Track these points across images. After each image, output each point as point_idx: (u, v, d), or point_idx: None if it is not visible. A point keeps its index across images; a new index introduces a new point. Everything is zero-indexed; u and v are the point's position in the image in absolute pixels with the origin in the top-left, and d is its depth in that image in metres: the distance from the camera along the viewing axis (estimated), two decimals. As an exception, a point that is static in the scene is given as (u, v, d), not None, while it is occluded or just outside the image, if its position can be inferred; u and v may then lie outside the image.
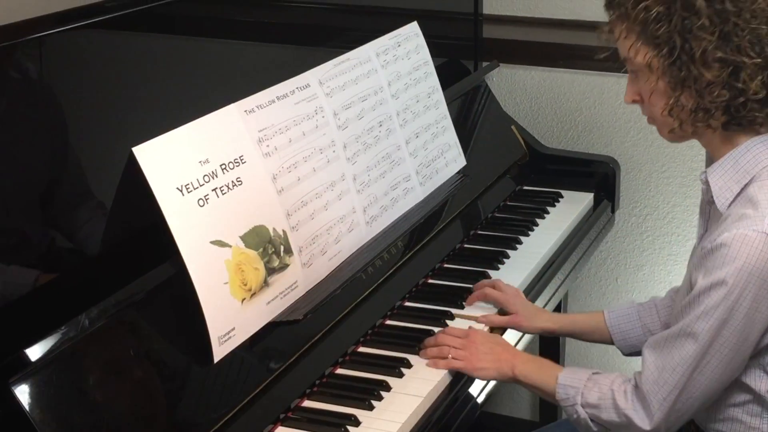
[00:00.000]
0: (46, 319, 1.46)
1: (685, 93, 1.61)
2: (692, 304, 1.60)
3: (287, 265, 1.76)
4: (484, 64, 2.84)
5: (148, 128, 1.57)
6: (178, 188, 1.57)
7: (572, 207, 2.60)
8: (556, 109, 2.89)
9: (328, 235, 1.88)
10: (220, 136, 1.68)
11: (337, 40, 2.24)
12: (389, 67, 2.18)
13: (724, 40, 1.56)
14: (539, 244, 2.38)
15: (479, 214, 2.48)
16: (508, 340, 2.00)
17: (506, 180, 2.65)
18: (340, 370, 1.83)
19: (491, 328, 2.02)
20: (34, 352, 1.42)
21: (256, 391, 1.65)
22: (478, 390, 1.87)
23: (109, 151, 1.64)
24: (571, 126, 2.89)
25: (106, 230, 1.63)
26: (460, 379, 1.84)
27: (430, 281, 2.19)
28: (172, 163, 1.58)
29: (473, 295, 2.09)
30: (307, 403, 1.73)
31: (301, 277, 1.80)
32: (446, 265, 2.25)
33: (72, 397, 1.43)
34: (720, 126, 1.63)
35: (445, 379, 1.83)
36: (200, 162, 1.62)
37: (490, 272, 2.22)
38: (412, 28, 2.30)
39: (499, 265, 2.26)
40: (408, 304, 2.08)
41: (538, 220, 2.50)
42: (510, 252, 2.32)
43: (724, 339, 1.57)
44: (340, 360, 1.85)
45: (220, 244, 1.63)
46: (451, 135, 2.37)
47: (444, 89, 2.37)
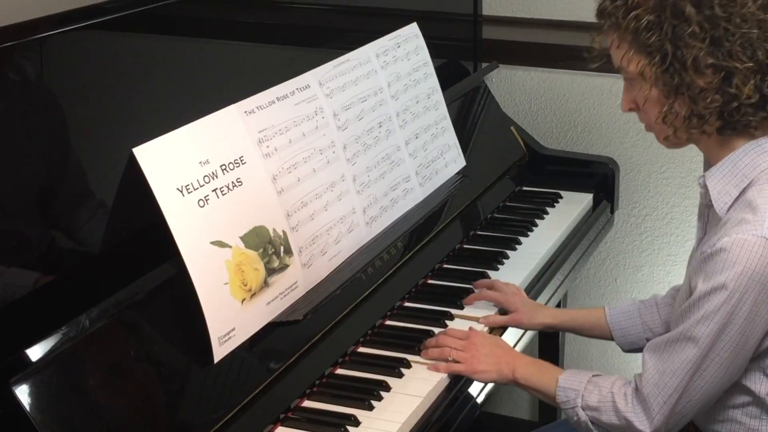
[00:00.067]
0: (47, 320, 1.46)
1: (678, 100, 1.61)
2: (692, 309, 1.60)
3: (287, 266, 1.76)
4: (484, 65, 2.84)
5: (149, 129, 1.57)
6: (178, 189, 1.57)
7: (571, 207, 2.60)
8: (556, 110, 2.89)
9: (328, 236, 1.89)
10: (221, 137, 1.68)
11: (337, 41, 2.24)
12: (389, 68, 2.18)
13: (715, 45, 1.56)
14: (538, 244, 2.39)
15: (479, 214, 2.48)
16: (508, 338, 2.01)
17: (506, 181, 2.65)
18: (339, 371, 1.83)
19: (491, 329, 2.02)
20: (35, 353, 1.42)
21: (256, 391, 1.65)
22: (478, 390, 1.87)
23: (109, 151, 1.64)
24: (570, 127, 2.89)
25: (106, 231, 1.64)
26: (460, 379, 1.84)
27: (430, 282, 2.19)
28: (173, 163, 1.58)
29: (471, 296, 2.09)
30: (307, 404, 1.73)
31: (301, 277, 1.80)
32: (446, 266, 2.26)
33: (72, 397, 1.43)
34: (715, 131, 1.63)
35: (445, 379, 1.83)
36: (200, 163, 1.63)
37: (490, 273, 2.22)
38: (412, 29, 2.30)
39: (499, 266, 2.26)
40: (408, 304, 2.08)
41: (538, 221, 2.50)
42: (509, 252, 2.33)
43: (724, 343, 1.58)
44: (340, 360, 1.85)
45: (220, 244, 1.63)
46: (450, 136, 2.37)
47: (443, 90, 2.37)
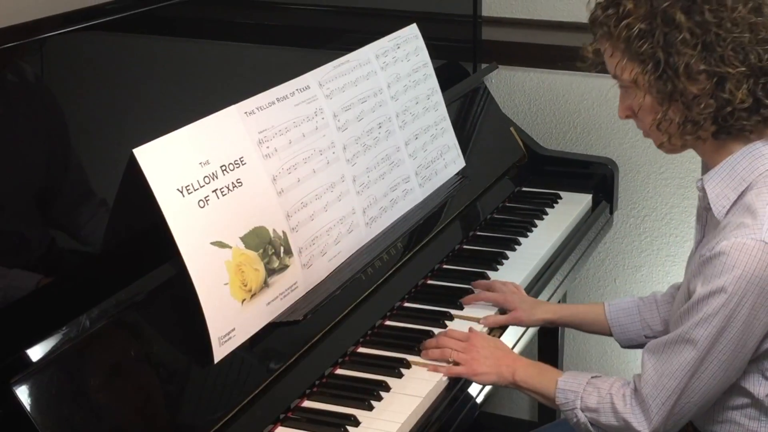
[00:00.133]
0: (47, 320, 1.46)
1: (672, 107, 1.61)
2: (691, 311, 1.60)
3: (287, 266, 1.76)
4: (483, 65, 2.84)
5: (149, 130, 1.58)
6: (178, 189, 1.57)
7: (571, 208, 2.60)
8: (555, 111, 2.90)
9: (328, 236, 1.89)
10: (221, 138, 1.68)
11: (337, 42, 2.25)
12: (389, 69, 2.18)
13: (707, 51, 1.56)
14: (538, 245, 2.39)
15: (478, 215, 2.48)
16: (508, 338, 2.01)
17: (505, 181, 2.65)
18: (339, 371, 1.84)
19: (490, 329, 2.02)
20: (35, 353, 1.42)
21: (256, 392, 1.65)
22: (477, 390, 1.87)
23: (109, 152, 1.64)
24: (569, 127, 2.90)
25: (107, 231, 1.64)
26: (459, 380, 1.84)
27: (430, 282, 2.19)
28: (173, 164, 1.58)
29: (469, 297, 2.09)
30: (306, 404, 1.73)
31: (301, 277, 1.80)
32: (445, 266, 2.26)
33: (73, 397, 1.44)
34: (710, 136, 1.63)
35: (444, 379, 1.83)
36: (200, 163, 1.63)
37: (489, 273, 2.22)
38: (412, 30, 2.30)
39: (498, 266, 2.27)
40: (407, 304, 2.09)
41: (537, 221, 2.51)
42: (509, 253, 2.33)
43: (723, 346, 1.58)
44: (340, 360, 1.86)
45: (220, 245, 1.63)
46: (450, 136, 2.37)
47: (443, 91, 2.37)
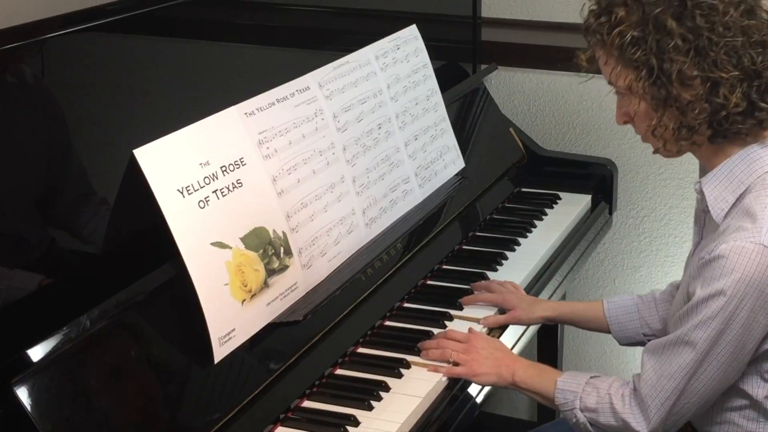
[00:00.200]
0: (48, 320, 1.46)
1: (667, 112, 1.61)
2: (690, 313, 1.61)
3: (287, 267, 1.77)
4: (483, 66, 2.84)
5: (149, 130, 1.58)
6: (178, 190, 1.58)
7: (570, 209, 2.61)
8: (554, 112, 2.90)
9: (328, 237, 1.89)
10: (221, 139, 1.69)
11: (337, 43, 2.25)
12: (388, 70, 2.18)
13: (700, 56, 1.56)
14: (537, 245, 2.39)
15: (478, 215, 2.49)
16: (508, 338, 2.01)
17: (504, 182, 2.66)
18: (339, 371, 1.84)
19: (490, 329, 2.03)
20: (36, 353, 1.42)
21: (256, 392, 1.65)
22: (477, 390, 1.87)
23: (110, 153, 1.65)
24: (569, 128, 2.90)
25: (107, 232, 1.64)
26: (459, 380, 1.85)
27: (429, 282, 2.19)
28: (173, 165, 1.58)
29: (467, 298, 2.10)
30: (306, 404, 1.74)
31: (301, 278, 1.80)
32: (445, 267, 2.26)
33: (73, 397, 1.44)
34: (706, 140, 1.63)
35: (444, 379, 1.83)
36: (201, 164, 1.63)
37: (489, 273, 2.23)
38: (411, 31, 2.31)
39: (498, 267, 2.27)
40: (407, 305, 2.09)
41: (537, 222, 2.51)
42: (508, 253, 2.33)
43: (721, 348, 1.59)
44: (340, 361, 1.86)
45: (220, 245, 1.63)
46: (449, 137, 2.37)
47: (443, 92, 2.37)
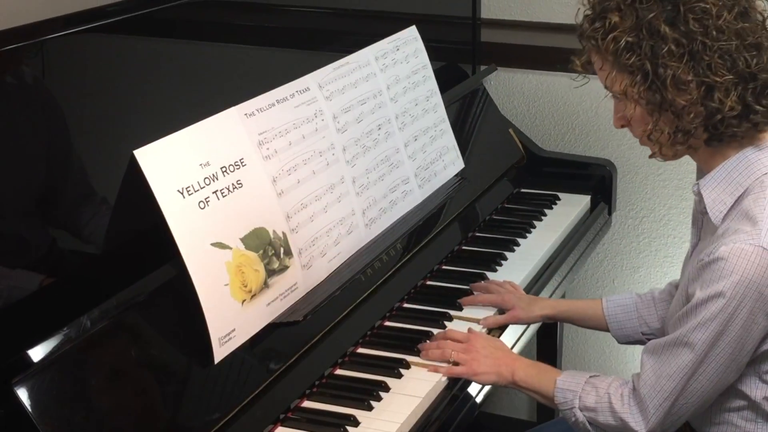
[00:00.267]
0: (49, 321, 1.47)
1: (663, 117, 1.62)
2: (689, 315, 1.61)
3: (287, 267, 1.77)
4: (482, 67, 2.85)
5: (150, 131, 1.58)
6: (178, 191, 1.58)
7: (569, 209, 2.61)
8: (554, 113, 2.90)
9: (328, 237, 1.89)
10: (221, 139, 1.69)
11: (337, 44, 2.25)
12: (388, 71, 2.18)
13: (694, 60, 1.56)
14: (537, 246, 2.39)
15: (477, 216, 2.49)
16: (508, 338, 2.02)
17: (504, 182, 2.66)
18: (339, 371, 1.84)
19: (489, 330, 2.03)
20: (37, 353, 1.42)
21: (256, 392, 1.66)
22: (477, 390, 1.87)
23: (110, 154, 1.65)
24: (568, 129, 2.90)
25: (107, 232, 1.64)
26: (459, 380, 1.85)
27: (429, 283, 2.20)
28: (173, 165, 1.59)
29: (466, 299, 2.10)
30: (306, 404, 1.74)
31: (301, 278, 1.81)
32: (444, 267, 2.26)
33: (74, 397, 1.44)
34: (702, 143, 1.64)
35: (444, 379, 1.83)
36: (201, 165, 1.63)
37: (488, 274, 2.23)
38: (411, 32, 2.31)
39: (497, 267, 2.27)
40: (407, 305, 2.09)
41: (536, 223, 2.51)
42: (508, 254, 2.34)
43: (720, 349, 1.59)
44: (340, 361, 1.86)
45: (220, 246, 1.64)
46: (449, 138, 2.38)
47: (442, 93, 2.37)
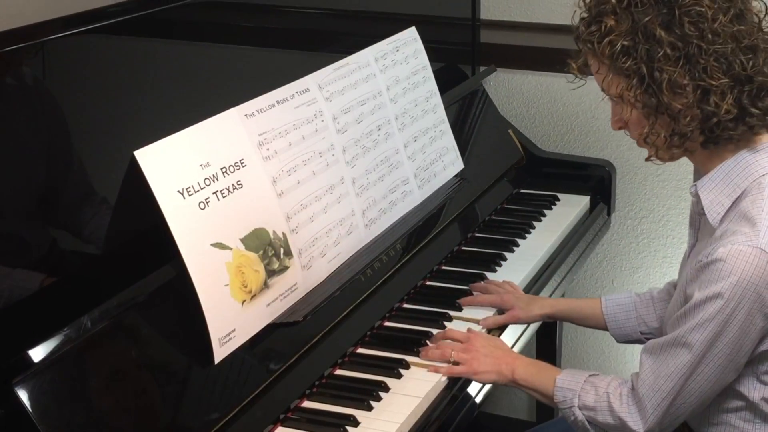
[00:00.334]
0: (49, 321, 1.47)
1: (659, 120, 1.62)
2: (688, 315, 1.62)
3: (287, 267, 1.77)
4: (482, 68, 2.85)
5: (150, 132, 1.58)
6: (179, 191, 1.58)
7: (569, 210, 2.61)
8: (553, 113, 2.91)
9: (328, 238, 1.90)
10: (221, 140, 1.69)
11: (337, 44, 2.26)
12: (388, 72, 2.19)
13: (690, 64, 1.56)
14: (536, 246, 2.40)
15: (477, 216, 2.49)
16: (507, 338, 2.02)
17: (503, 183, 2.66)
18: (339, 371, 1.84)
19: (489, 330, 2.03)
20: (37, 353, 1.43)
21: (256, 392, 1.66)
22: (476, 390, 1.87)
23: (110, 154, 1.65)
24: (567, 130, 2.91)
25: (108, 233, 1.65)
26: (458, 379, 1.85)
27: (428, 283, 2.20)
28: (173, 166, 1.59)
29: (465, 299, 2.10)
30: (306, 404, 1.74)
31: (301, 279, 1.81)
32: (444, 268, 2.27)
33: (74, 397, 1.45)
34: (699, 146, 1.64)
35: (443, 379, 1.83)
36: (201, 165, 1.63)
37: (488, 274, 2.23)
38: (411, 33, 2.31)
39: (497, 268, 2.27)
40: (406, 305, 2.09)
41: (535, 223, 2.52)
42: (507, 254, 2.34)
43: (718, 350, 1.60)
44: (339, 361, 1.86)
45: (220, 246, 1.64)
46: (448, 139, 2.38)
47: (442, 93, 2.38)
